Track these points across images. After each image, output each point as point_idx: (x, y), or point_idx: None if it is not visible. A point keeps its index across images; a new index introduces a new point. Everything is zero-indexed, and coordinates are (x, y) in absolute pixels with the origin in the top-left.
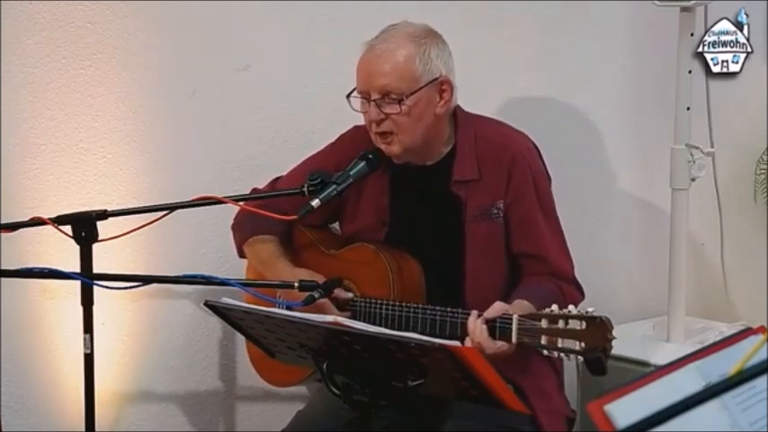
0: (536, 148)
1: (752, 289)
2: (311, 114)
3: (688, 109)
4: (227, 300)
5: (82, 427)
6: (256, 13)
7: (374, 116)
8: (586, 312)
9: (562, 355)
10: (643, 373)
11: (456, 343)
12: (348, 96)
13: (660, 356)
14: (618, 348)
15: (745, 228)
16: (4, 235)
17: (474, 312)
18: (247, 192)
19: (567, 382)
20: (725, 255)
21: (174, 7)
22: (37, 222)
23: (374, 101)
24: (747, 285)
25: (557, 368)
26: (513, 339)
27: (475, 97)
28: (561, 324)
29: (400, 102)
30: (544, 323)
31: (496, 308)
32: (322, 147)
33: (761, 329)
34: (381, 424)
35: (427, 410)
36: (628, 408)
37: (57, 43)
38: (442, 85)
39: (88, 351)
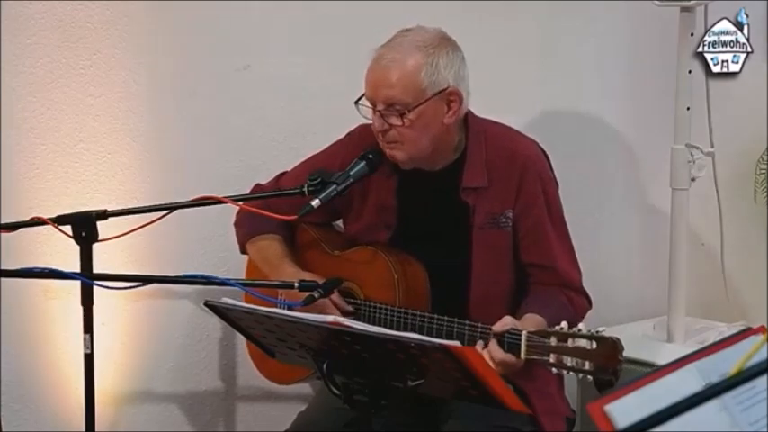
0: (545, 154)
1: (752, 289)
2: (311, 114)
3: (688, 109)
4: (227, 300)
5: (82, 427)
6: (256, 13)
7: (378, 126)
8: (597, 332)
9: (571, 373)
10: (643, 372)
11: (456, 343)
12: (356, 103)
13: (660, 356)
14: None
15: (745, 228)
16: (4, 235)
17: (480, 343)
18: (248, 191)
19: (566, 382)
20: (725, 255)
21: (174, 7)
22: (37, 222)
23: (379, 111)
24: (747, 285)
25: None
26: (522, 355)
27: (474, 97)
28: (570, 342)
29: (402, 115)
30: (553, 341)
31: (505, 322)
32: (323, 146)
33: (761, 329)
34: (381, 424)
35: (427, 410)
36: (628, 408)
37: (57, 43)
38: (450, 96)
39: (88, 351)
